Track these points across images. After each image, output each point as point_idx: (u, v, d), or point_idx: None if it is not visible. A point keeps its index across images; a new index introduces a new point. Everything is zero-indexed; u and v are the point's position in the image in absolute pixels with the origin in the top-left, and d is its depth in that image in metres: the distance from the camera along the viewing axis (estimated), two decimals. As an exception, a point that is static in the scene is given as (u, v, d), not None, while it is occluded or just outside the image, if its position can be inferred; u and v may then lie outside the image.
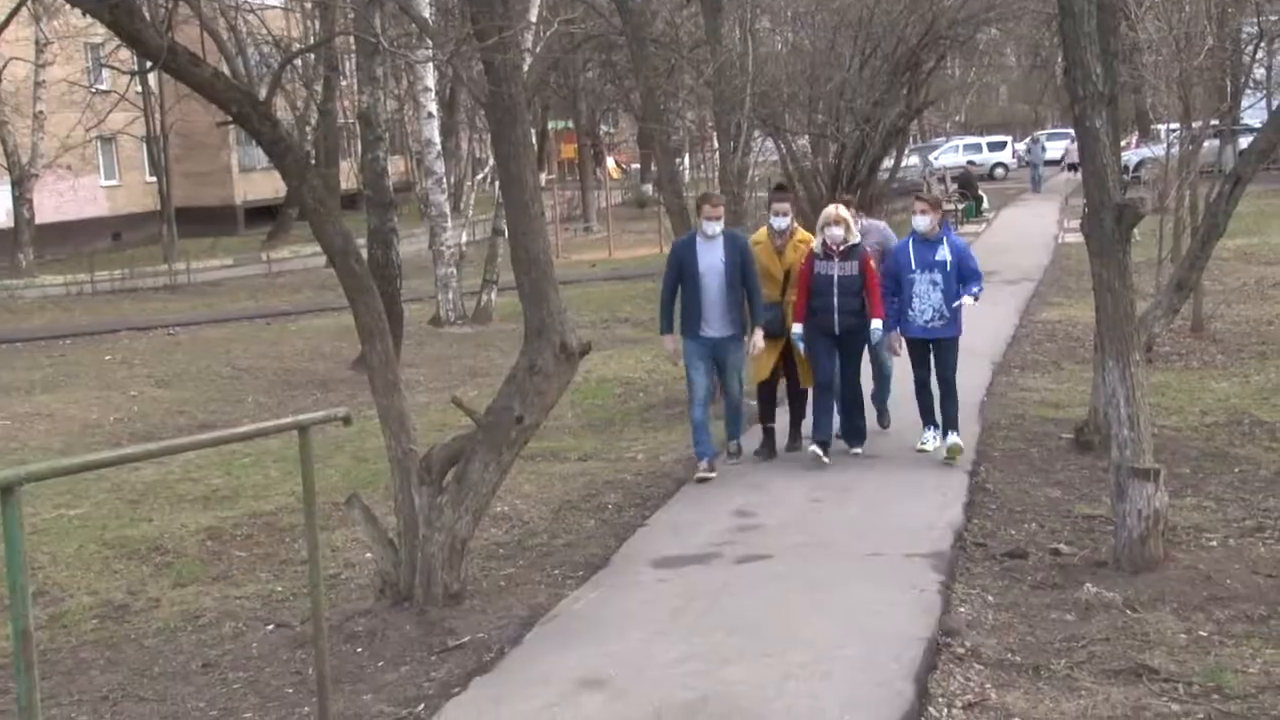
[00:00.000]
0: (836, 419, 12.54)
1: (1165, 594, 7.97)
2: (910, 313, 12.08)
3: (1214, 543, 8.97)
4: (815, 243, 12.22)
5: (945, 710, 6.48)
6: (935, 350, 12.14)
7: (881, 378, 13.49)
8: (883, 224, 15.74)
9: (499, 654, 7.73)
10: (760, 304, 12.08)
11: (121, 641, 8.97)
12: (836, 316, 11.94)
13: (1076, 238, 18.03)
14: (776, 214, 12.70)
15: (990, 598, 8.20)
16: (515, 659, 7.65)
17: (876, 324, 11.99)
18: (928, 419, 12.40)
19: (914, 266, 11.98)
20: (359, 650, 8.07)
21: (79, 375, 23.48)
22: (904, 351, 12.56)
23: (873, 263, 12.17)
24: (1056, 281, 25.01)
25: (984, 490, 10.75)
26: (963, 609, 7.97)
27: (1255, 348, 16.56)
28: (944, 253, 11.96)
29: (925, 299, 11.97)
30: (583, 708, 6.74)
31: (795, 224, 12.81)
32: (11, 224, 46.96)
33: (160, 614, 9.42)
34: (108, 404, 19.84)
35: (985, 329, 19.45)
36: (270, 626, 8.90)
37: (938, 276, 11.89)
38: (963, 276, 12.01)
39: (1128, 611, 7.75)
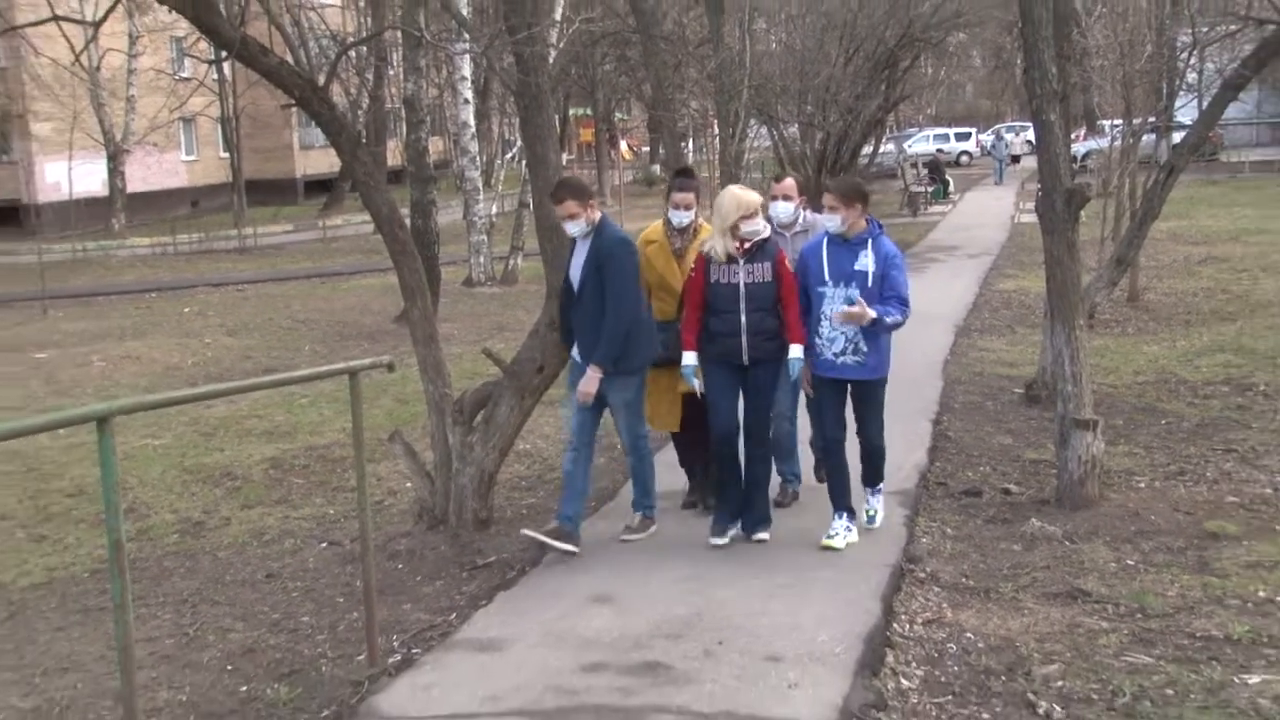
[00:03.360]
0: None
1: (1099, 528, 7.98)
2: (818, 341, 7.90)
3: (1142, 485, 8.95)
4: (718, 246, 7.85)
5: (908, 626, 6.46)
6: (853, 397, 8.07)
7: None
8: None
9: (520, 572, 7.74)
10: (611, 327, 7.82)
11: (198, 553, 9.03)
12: (745, 340, 7.82)
13: (1030, 218, 18.08)
14: (676, 206, 8.58)
15: (948, 530, 8.17)
16: (535, 577, 7.63)
17: (796, 351, 7.85)
18: (838, 500, 8.02)
19: (826, 277, 7.83)
20: (400, 566, 8.11)
21: (162, 324, 23.51)
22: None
23: (788, 263, 8.02)
24: (1012, 256, 24.90)
25: (946, 437, 10.68)
26: (924, 539, 7.94)
27: (1182, 317, 16.47)
28: (866, 260, 7.77)
29: (837, 323, 7.80)
30: (593, 619, 6.71)
31: (701, 220, 8.70)
32: (107, 193, 47.15)
33: (230, 531, 9.46)
34: (186, 349, 19.84)
35: (949, 297, 19.49)
36: (324, 544, 8.94)
37: (854, 293, 7.69)
38: (884, 295, 7.78)
39: (1066, 543, 7.75)
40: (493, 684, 5.88)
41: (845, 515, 7.99)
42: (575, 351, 8.24)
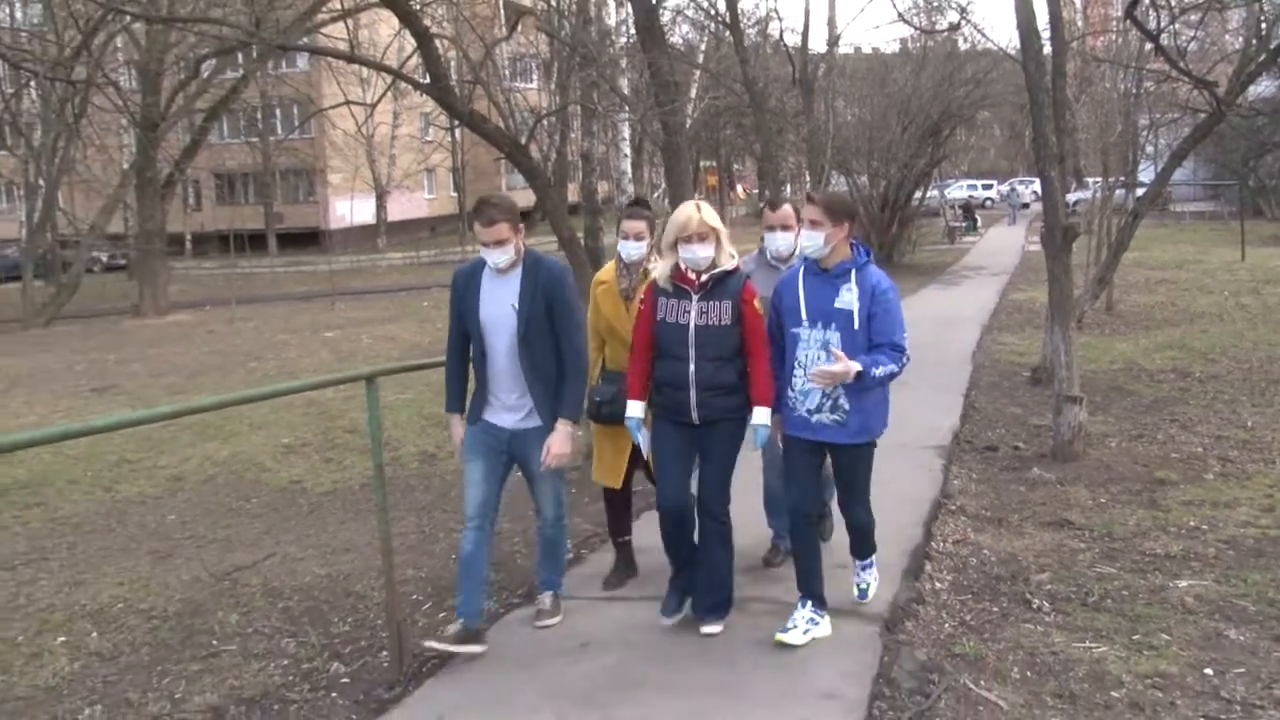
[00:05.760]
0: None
1: (1081, 476, 7.82)
2: (790, 394, 4.86)
3: (1112, 444, 8.73)
4: (659, 270, 4.97)
5: (941, 544, 6.38)
6: (834, 463, 4.96)
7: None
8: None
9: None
10: (576, 376, 4.94)
11: (431, 476, 9.15)
12: (694, 395, 4.82)
13: (1036, 248, 17.83)
14: (625, 236, 5.50)
15: (973, 475, 8.02)
16: (448, 686, 7.40)
17: (761, 415, 4.83)
18: (806, 585, 4.94)
19: (803, 317, 4.79)
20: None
21: (409, 314, 23.96)
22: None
23: (758, 304, 4.89)
24: (1023, 275, 24.49)
25: (973, 407, 10.48)
26: (956, 482, 7.80)
27: (1144, 322, 16.11)
28: (848, 296, 4.73)
29: (813, 380, 4.73)
30: None
31: (655, 255, 5.27)
32: (375, 222, 48.42)
33: (453, 462, 9.45)
34: (424, 331, 20.17)
35: (977, 303, 19.28)
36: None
37: (835, 336, 4.71)
38: (873, 339, 4.71)
39: (1058, 486, 7.61)
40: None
41: (811, 604, 4.90)
42: (488, 410, 5.00)
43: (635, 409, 4.98)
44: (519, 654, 4.93)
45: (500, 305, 4.89)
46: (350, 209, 47.57)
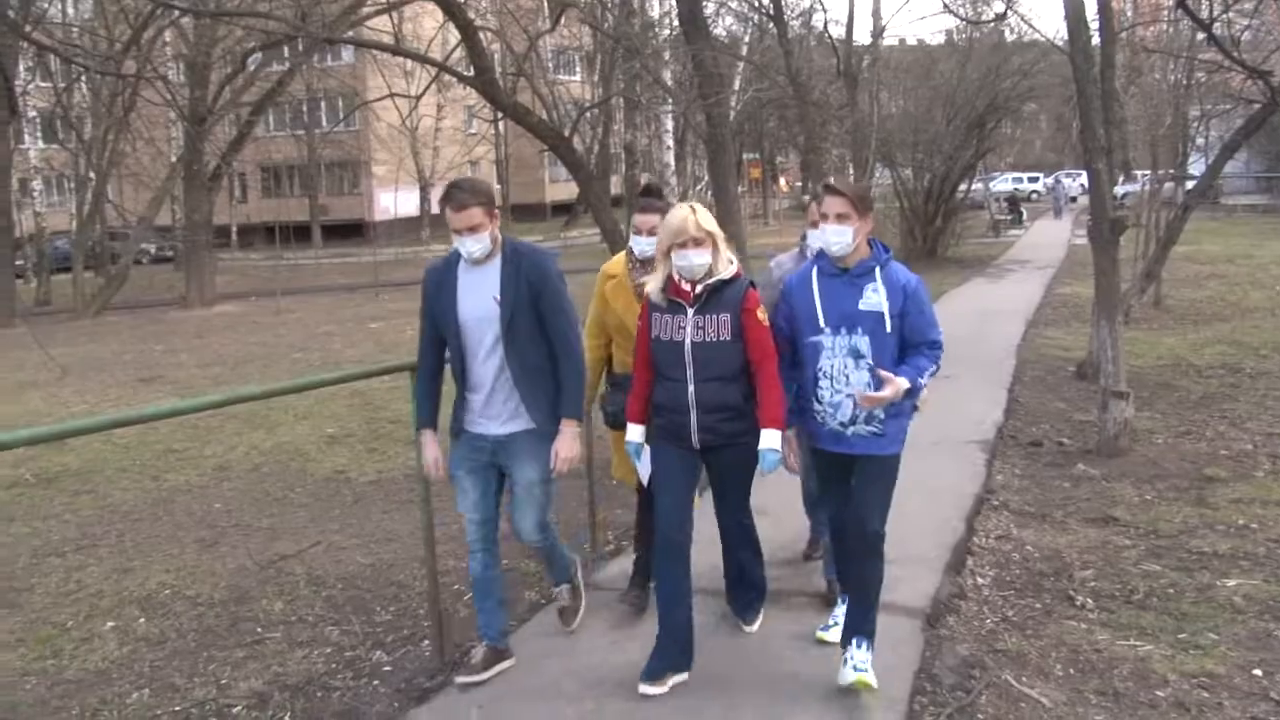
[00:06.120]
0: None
1: (1127, 472, 7.72)
2: (816, 406, 4.33)
3: (1159, 440, 8.61)
4: (651, 283, 4.50)
5: (983, 539, 6.34)
6: (857, 474, 4.34)
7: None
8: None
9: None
10: (574, 370, 4.49)
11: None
12: (694, 419, 4.37)
13: (1082, 241, 17.61)
14: (639, 231, 5.06)
15: (1017, 470, 7.95)
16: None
17: (770, 439, 4.28)
18: (847, 584, 4.62)
19: (823, 323, 4.25)
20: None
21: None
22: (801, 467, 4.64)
23: (762, 314, 4.35)
24: (1069, 270, 24.09)
25: (1017, 402, 10.38)
26: (999, 477, 7.74)
27: (1192, 317, 15.80)
28: (875, 297, 4.21)
29: (840, 382, 4.25)
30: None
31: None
32: (418, 214, 48.68)
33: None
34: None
35: (1022, 297, 19.09)
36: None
37: (863, 343, 4.20)
38: (906, 340, 4.25)
39: (1103, 482, 7.52)
40: None
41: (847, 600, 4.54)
42: (471, 418, 4.51)
43: (635, 433, 4.55)
44: (556, 646, 4.93)
45: (480, 299, 4.40)
46: (394, 201, 48.10)
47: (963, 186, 30.11)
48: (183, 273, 30.78)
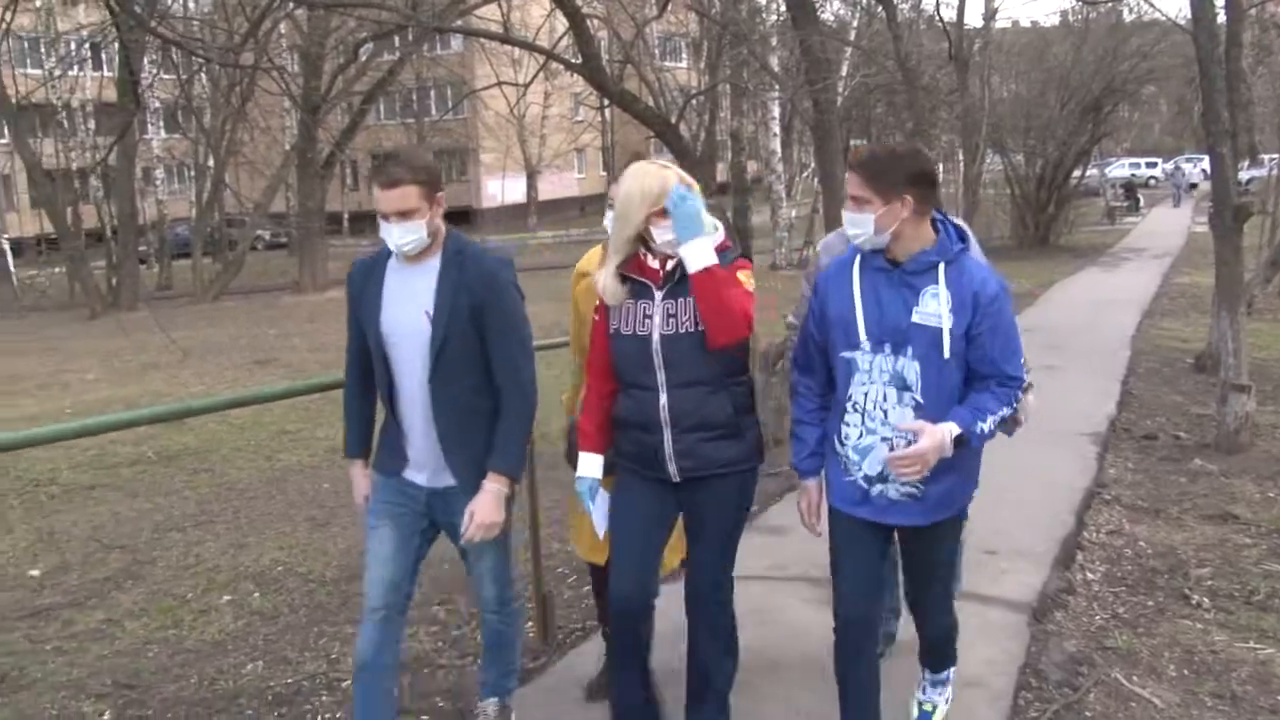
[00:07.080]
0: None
1: (1248, 468, 7.48)
2: (840, 450, 3.02)
3: (1285, 436, 8.36)
4: (603, 274, 3.33)
5: (1094, 534, 6.20)
6: (903, 548, 3.19)
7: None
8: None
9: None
10: (518, 412, 3.31)
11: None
12: (669, 440, 3.09)
13: (1203, 229, 17.07)
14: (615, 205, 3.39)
15: (1129, 464, 7.76)
16: None
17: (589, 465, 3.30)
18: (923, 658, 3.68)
19: (862, 335, 2.89)
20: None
21: (550, 294, 24.19)
22: (824, 529, 3.16)
23: (745, 276, 3.18)
24: (1187, 258, 23.38)
25: (1131, 394, 10.12)
26: (1111, 470, 7.56)
27: (1323, 308, 15.29)
28: (934, 305, 2.81)
29: (874, 419, 2.90)
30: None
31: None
32: (525, 201, 49.26)
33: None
34: (563, 310, 20.14)
35: (1138, 286, 18.59)
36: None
37: (911, 369, 2.83)
38: (973, 369, 2.87)
39: (1221, 478, 7.29)
40: None
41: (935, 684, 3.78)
42: (398, 460, 3.40)
43: (588, 465, 3.34)
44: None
45: (408, 310, 3.32)
46: (501, 188, 48.72)
47: (1077, 172, 29.37)
48: (296, 259, 31.66)
